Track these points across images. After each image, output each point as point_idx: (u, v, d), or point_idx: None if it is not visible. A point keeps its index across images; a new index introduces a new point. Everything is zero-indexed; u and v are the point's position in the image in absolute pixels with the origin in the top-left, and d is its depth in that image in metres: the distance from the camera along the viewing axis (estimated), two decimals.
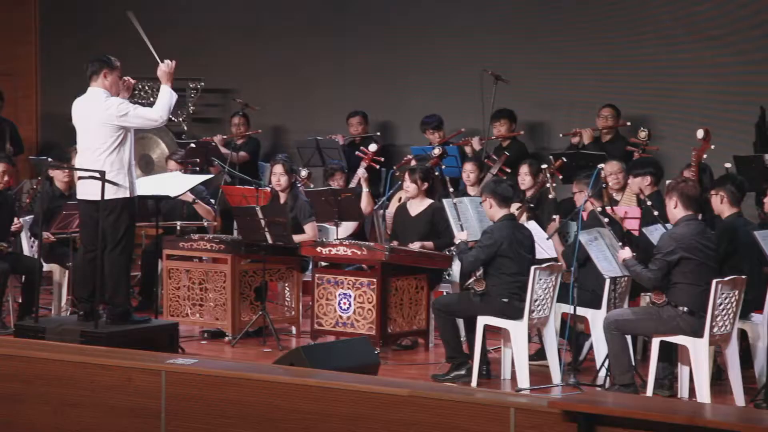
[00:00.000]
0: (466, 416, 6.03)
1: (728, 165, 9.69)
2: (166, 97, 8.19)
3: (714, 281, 7.55)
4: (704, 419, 5.72)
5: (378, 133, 12.13)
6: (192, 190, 10.17)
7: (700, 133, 9.48)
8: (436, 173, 9.97)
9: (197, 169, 10.97)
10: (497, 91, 11.58)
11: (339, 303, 9.22)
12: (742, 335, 8.11)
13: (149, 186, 9.45)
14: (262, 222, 9.35)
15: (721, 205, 8.32)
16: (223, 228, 11.10)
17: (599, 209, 8.41)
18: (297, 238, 9.59)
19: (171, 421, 6.64)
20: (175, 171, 10.71)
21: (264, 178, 11.68)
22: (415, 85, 12.68)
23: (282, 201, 9.95)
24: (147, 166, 12.78)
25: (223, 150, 12.05)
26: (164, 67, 8.23)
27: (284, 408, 6.40)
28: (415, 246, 9.35)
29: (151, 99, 13.44)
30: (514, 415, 5.92)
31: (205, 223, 10.50)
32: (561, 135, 11.30)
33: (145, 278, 10.68)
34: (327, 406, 6.29)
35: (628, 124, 11.10)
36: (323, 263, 9.47)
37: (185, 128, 12.97)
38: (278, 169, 9.98)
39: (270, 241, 9.39)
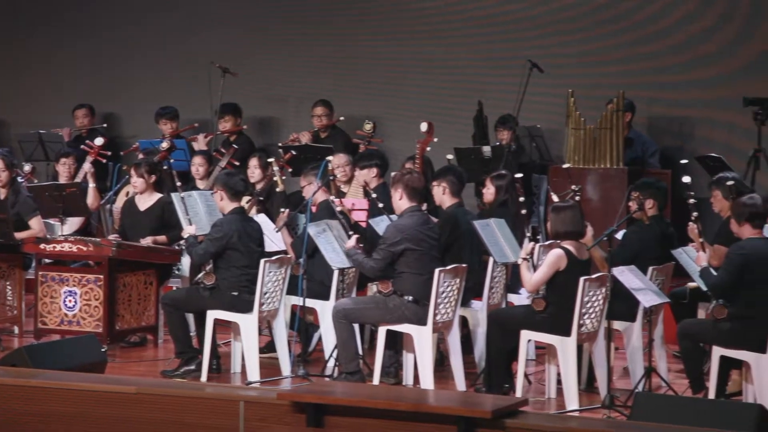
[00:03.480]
0: (195, 411, 6.01)
1: (450, 157, 10.02)
2: None
3: (437, 270, 7.79)
4: (428, 405, 5.90)
5: (105, 125, 11.89)
6: None
7: (423, 126, 9.77)
8: (165, 167, 9.87)
9: None
10: (225, 84, 11.54)
11: (64, 301, 9.00)
12: (463, 322, 8.41)
13: None
14: None
15: (442, 195, 8.58)
16: None
17: (331, 199, 8.54)
18: (24, 234, 9.30)
19: None
20: None
21: None
22: (143, 77, 12.48)
23: (2, 197, 9.62)
24: None
25: None
26: None
27: (5, 410, 6.20)
28: (147, 241, 9.22)
29: None
30: (243, 408, 5.94)
31: None
32: (279, 145, 11.14)
33: None
34: (50, 406, 6.14)
35: (342, 118, 11.27)
36: (47, 260, 9.21)
37: None
38: None
39: None
